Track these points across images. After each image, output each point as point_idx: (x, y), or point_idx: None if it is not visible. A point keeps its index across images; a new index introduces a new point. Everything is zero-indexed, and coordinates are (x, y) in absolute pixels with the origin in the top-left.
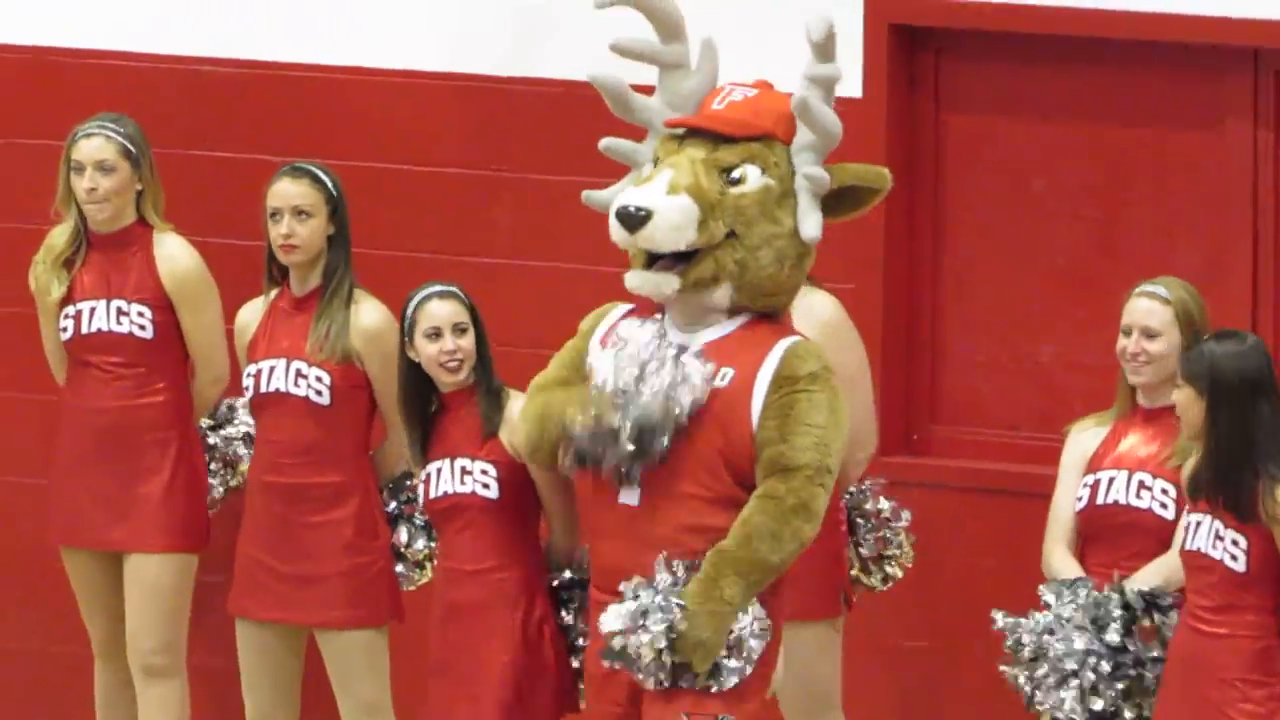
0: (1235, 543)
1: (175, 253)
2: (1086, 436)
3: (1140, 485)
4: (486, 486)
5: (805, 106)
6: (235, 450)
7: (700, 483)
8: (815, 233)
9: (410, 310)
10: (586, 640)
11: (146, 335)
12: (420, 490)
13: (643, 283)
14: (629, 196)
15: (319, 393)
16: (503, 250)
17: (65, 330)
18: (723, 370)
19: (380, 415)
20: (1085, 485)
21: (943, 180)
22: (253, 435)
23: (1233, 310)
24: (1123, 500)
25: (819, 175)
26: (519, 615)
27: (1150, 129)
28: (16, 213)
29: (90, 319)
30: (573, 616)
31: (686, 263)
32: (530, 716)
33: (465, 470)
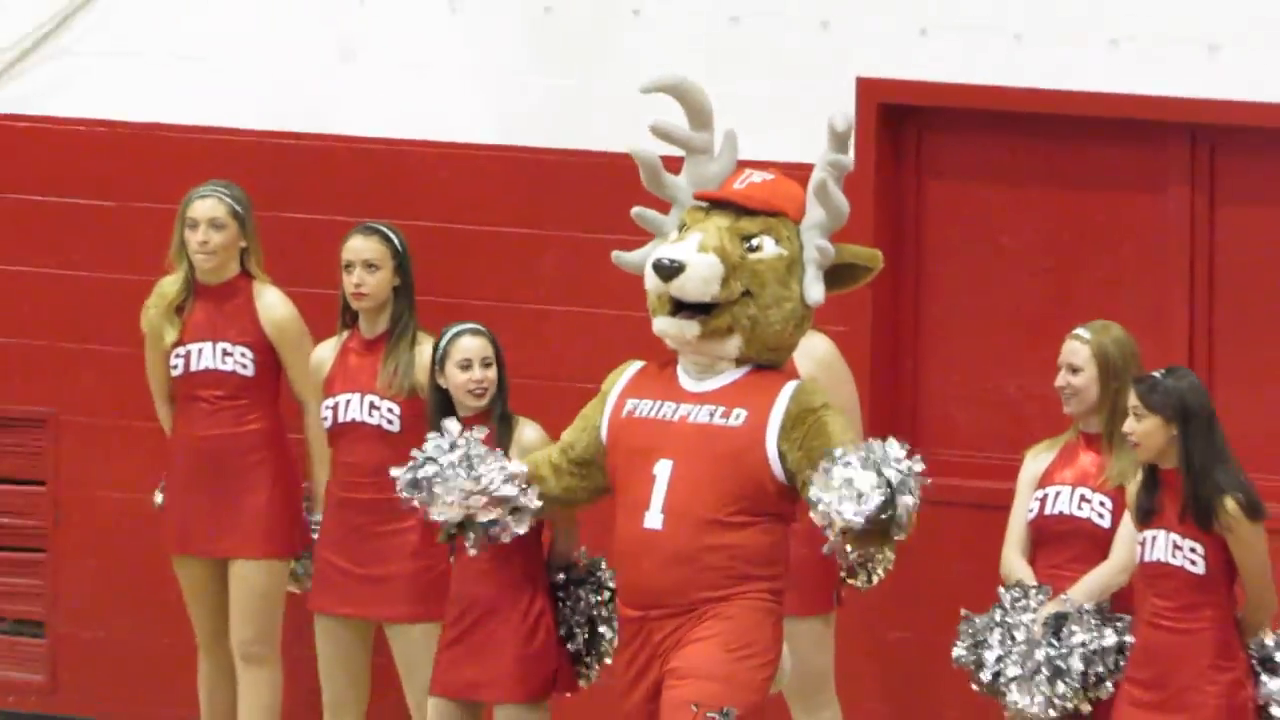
0: (1194, 549)
1: (274, 302)
2: (1039, 458)
3: (1081, 498)
4: None
5: (824, 187)
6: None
7: (716, 509)
8: (819, 298)
9: (444, 343)
10: (580, 631)
11: (248, 373)
12: None
13: (669, 327)
14: (665, 251)
15: (390, 421)
16: (547, 298)
17: (176, 368)
18: (735, 411)
19: None
20: (1036, 499)
21: (923, 237)
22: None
23: (1172, 350)
24: (1066, 511)
25: (828, 248)
26: (522, 607)
27: (1101, 194)
28: (129, 265)
29: (199, 358)
30: (568, 610)
31: (707, 314)
32: (529, 692)
33: None
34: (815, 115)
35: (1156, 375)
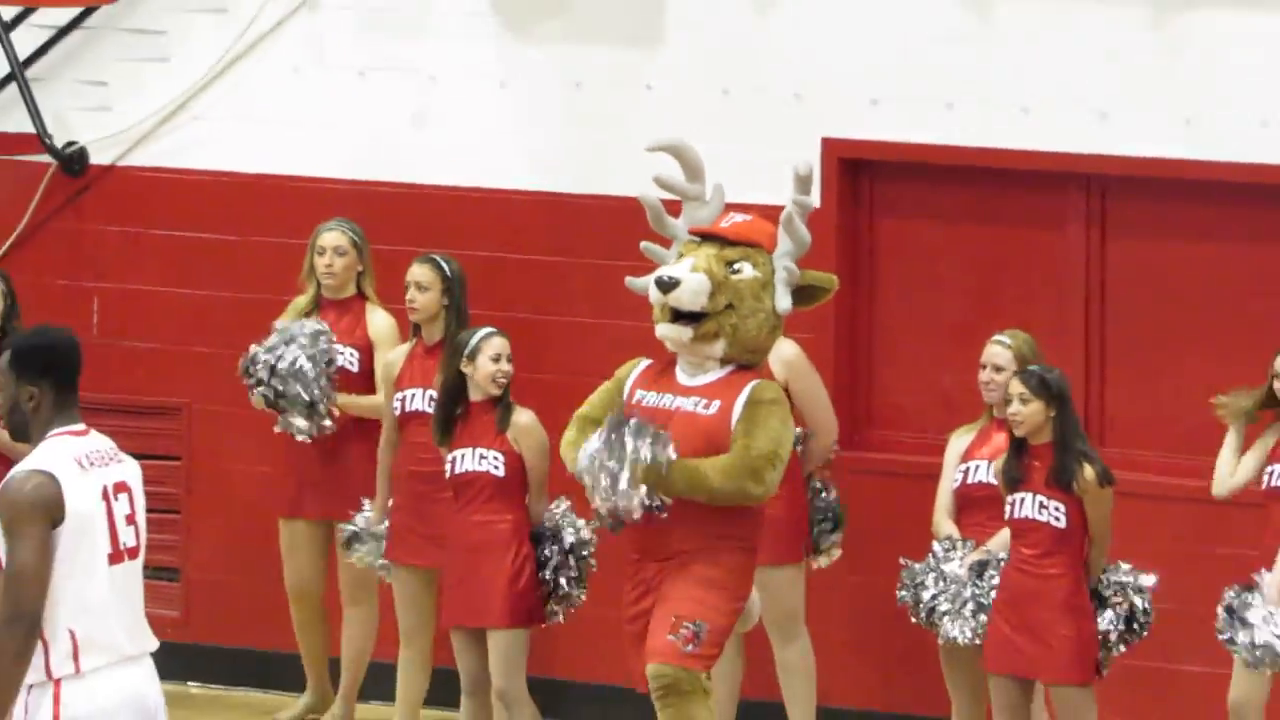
0: (1058, 508)
1: (378, 318)
2: (962, 439)
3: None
4: (497, 468)
5: (791, 221)
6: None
7: None
8: (787, 307)
9: (475, 341)
10: (553, 572)
11: (353, 370)
12: (447, 466)
13: (668, 331)
14: (665, 270)
15: None
16: (576, 313)
17: None
18: (713, 402)
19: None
20: (960, 472)
21: (875, 265)
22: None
23: (1071, 355)
24: (985, 480)
25: (795, 270)
26: (510, 553)
27: (1015, 230)
28: (248, 286)
29: None
30: (542, 557)
31: (698, 321)
32: (515, 620)
33: (483, 455)
34: (786, 167)
35: (1035, 369)
